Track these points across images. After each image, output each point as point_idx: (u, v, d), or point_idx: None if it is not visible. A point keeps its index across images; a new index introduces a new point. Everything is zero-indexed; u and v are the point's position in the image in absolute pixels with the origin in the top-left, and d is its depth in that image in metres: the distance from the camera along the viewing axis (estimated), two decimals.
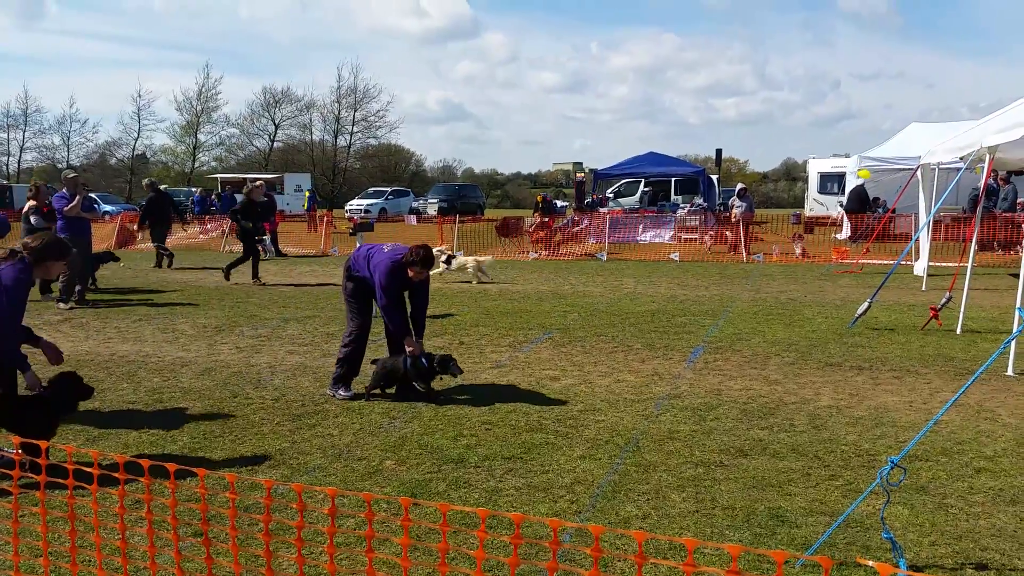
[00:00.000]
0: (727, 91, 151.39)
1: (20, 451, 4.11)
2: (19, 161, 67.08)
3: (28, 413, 4.82)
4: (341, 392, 6.59)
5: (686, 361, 7.88)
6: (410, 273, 6.42)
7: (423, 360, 6.39)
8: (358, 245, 7.66)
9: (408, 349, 6.46)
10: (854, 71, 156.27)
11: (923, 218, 13.74)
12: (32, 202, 12.15)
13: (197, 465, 4.97)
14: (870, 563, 1.87)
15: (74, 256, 11.42)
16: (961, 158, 10.60)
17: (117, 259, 15.01)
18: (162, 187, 20.41)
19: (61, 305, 11.55)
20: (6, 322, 4.76)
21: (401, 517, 2.23)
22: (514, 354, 8.28)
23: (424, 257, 6.37)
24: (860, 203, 21.10)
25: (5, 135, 66.44)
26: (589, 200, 30.18)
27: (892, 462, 3.49)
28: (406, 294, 6.65)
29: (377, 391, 6.51)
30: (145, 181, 18.60)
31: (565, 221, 25.23)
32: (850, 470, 4.83)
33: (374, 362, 6.64)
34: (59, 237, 5.17)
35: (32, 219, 11.88)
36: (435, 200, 45.63)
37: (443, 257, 14.77)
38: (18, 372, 5.00)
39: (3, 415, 4.77)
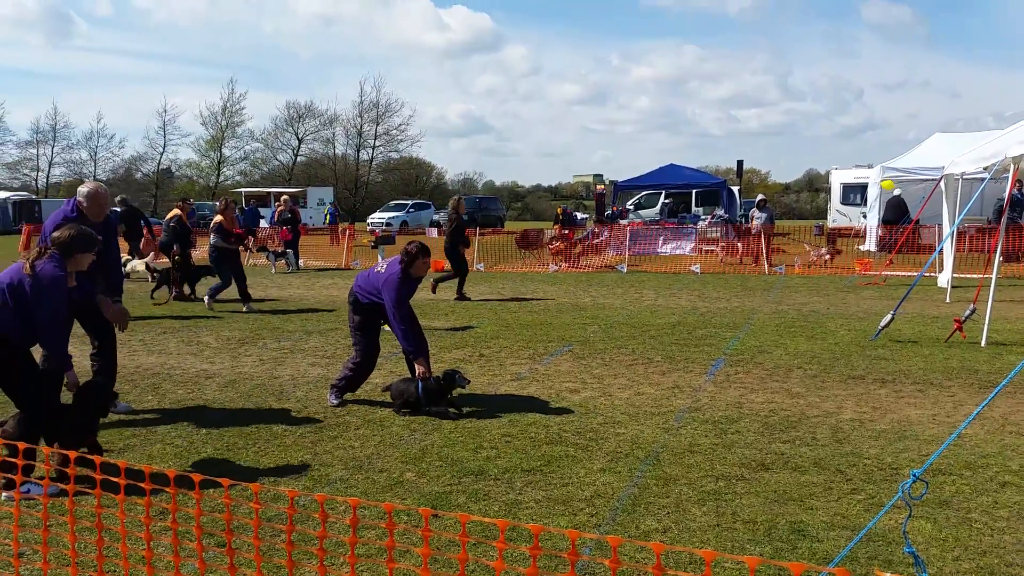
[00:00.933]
0: (749, 102, 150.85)
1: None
2: (47, 176, 68.28)
3: (64, 415, 5.01)
4: (332, 399, 6.80)
5: (707, 374, 7.86)
6: (418, 270, 6.63)
7: (432, 381, 6.45)
8: (380, 259, 7.71)
9: (419, 370, 6.52)
10: (878, 81, 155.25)
11: (947, 229, 13.62)
12: (219, 218, 12.64)
13: (220, 476, 5.03)
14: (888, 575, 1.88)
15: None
16: (985, 168, 10.51)
17: (215, 273, 15.21)
18: (135, 204, 20.94)
19: None
20: (52, 320, 4.77)
21: (422, 528, 2.26)
22: (534, 366, 8.29)
23: (421, 247, 6.62)
24: (899, 213, 20.89)
25: (35, 151, 67.73)
26: (609, 212, 30.16)
27: (914, 475, 3.47)
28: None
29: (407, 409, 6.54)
30: (117, 198, 18.92)
31: (585, 233, 25.23)
32: (872, 484, 4.80)
33: (386, 389, 6.74)
34: (86, 228, 5.21)
35: (212, 237, 12.56)
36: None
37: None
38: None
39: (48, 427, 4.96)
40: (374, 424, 6.20)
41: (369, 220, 45.73)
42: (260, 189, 51.24)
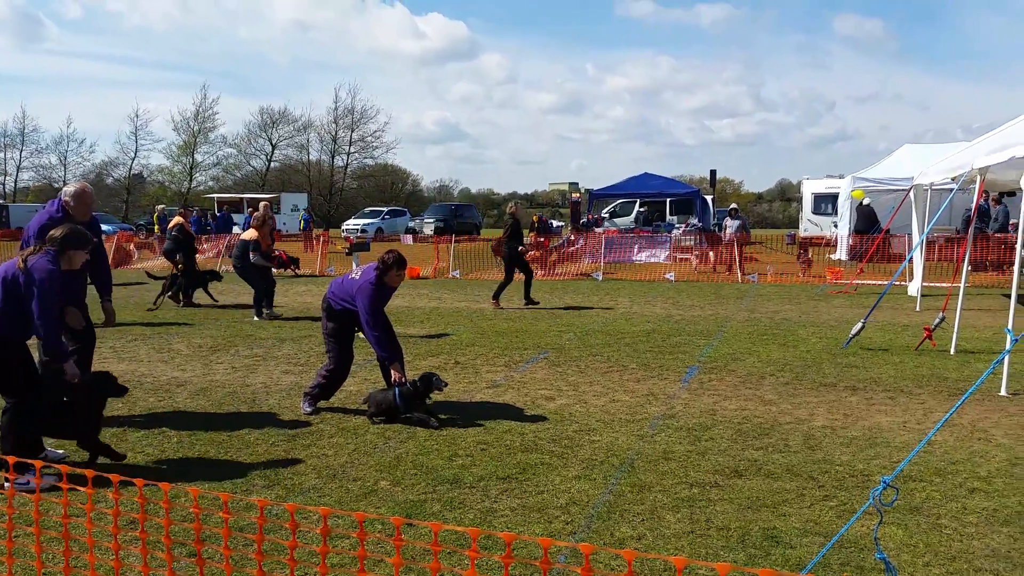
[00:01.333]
0: (723, 112, 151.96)
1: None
2: (16, 180, 67.25)
3: (66, 411, 5.20)
4: (306, 407, 6.76)
5: (681, 381, 7.89)
6: (392, 280, 6.59)
7: (408, 386, 6.42)
8: (354, 266, 7.66)
9: (394, 376, 6.49)
10: (850, 93, 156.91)
11: (916, 238, 13.82)
12: (253, 233, 12.49)
13: (191, 485, 4.96)
14: None
15: None
16: (953, 179, 10.69)
17: (220, 277, 15.13)
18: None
19: None
20: (45, 314, 4.90)
21: (394, 537, 2.24)
22: (509, 374, 8.28)
23: (397, 259, 6.57)
24: (869, 223, 21.18)
25: (2, 155, 66.71)
26: (585, 220, 30.28)
27: (884, 482, 3.50)
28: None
29: (380, 417, 6.48)
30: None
31: (561, 241, 25.29)
32: (844, 490, 4.84)
33: (366, 401, 6.66)
34: (79, 227, 5.40)
35: (252, 256, 12.31)
36: (431, 220, 45.74)
37: None
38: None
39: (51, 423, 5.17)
40: (348, 432, 6.16)
41: (344, 227, 45.51)
42: (233, 195, 50.81)
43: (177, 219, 14.93)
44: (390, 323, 6.76)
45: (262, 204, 14.65)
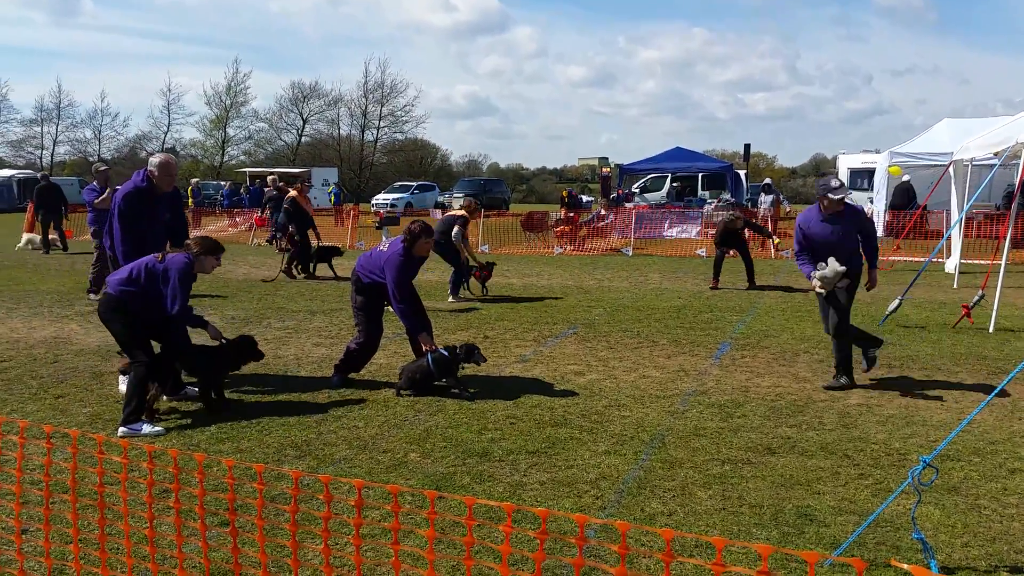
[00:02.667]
0: (757, 86, 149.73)
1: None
2: (52, 154, 68.20)
3: (202, 359, 6.05)
4: (335, 380, 6.77)
5: (712, 357, 7.81)
6: (420, 249, 6.59)
7: (444, 352, 6.41)
8: (384, 239, 7.59)
9: (424, 347, 6.49)
10: (887, 66, 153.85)
11: (955, 215, 13.52)
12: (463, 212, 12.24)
13: (223, 456, 5.01)
14: (905, 566, 1.84)
15: (104, 248, 11.60)
16: (995, 154, 10.41)
17: (341, 252, 15.28)
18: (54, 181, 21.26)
19: (92, 296, 11.69)
20: (179, 298, 5.70)
21: (426, 510, 2.22)
22: (538, 348, 8.25)
23: (424, 228, 6.61)
24: (906, 199, 20.77)
25: (39, 129, 67.63)
26: (615, 195, 30.03)
27: (924, 461, 3.43)
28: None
29: (408, 391, 6.49)
30: (39, 174, 19.48)
31: (590, 216, 25.13)
32: (880, 469, 4.76)
33: (402, 372, 6.61)
34: (213, 239, 6.11)
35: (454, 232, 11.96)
36: (460, 195, 45.64)
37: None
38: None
39: (184, 361, 6.08)
40: (378, 404, 6.17)
41: (374, 201, 45.61)
42: (265, 169, 51.11)
43: (292, 192, 15.04)
44: (418, 295, 6.75)
45: (270, 178, 14.68)
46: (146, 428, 5.59)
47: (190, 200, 33.87)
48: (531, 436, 5.39)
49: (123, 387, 6.56)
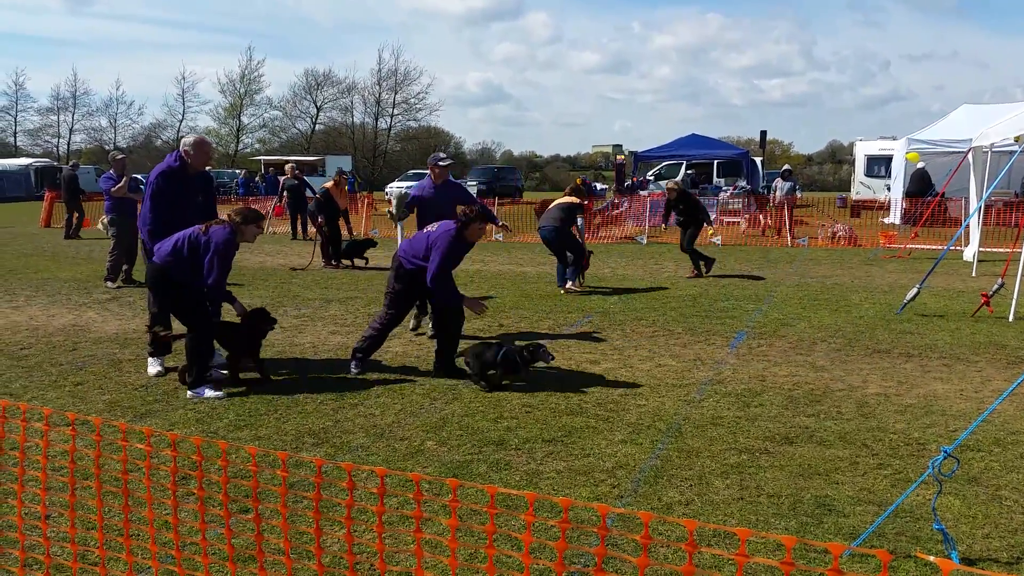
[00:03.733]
0: (773, 72, 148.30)
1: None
2: (68, 143, 68.63)
3: (237, 332, 6.52)
4: (354, 368, 6.75)
5: (729, 346, 7.79)
6: (473, 234, 6.62)
7: (515, 355, 6.26)
8: (397, 228, 7.67)
9: (471, 310, 6.67)
10: (904, 52, 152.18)
11: (974, 203, 13.38)
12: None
13: (241, 443, 5.04)
14: (931, 558, 1.82)
15: (121, 236, 11.68)
16: (1016, 140, 10.28)
17: (375, 244, 15.44)
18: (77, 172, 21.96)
19: (109, 284, 11.78)
20: (217, 271, 5.96)
21: (446, 498, 2.23)
22: (554, 337, 8.25)
23: (480, 213, 6.67)
24: (924, 186, 20.58)
25: (55, 117, 68.05)
26: (629, 183, 29.91)
27: (945, 452, 3.41)
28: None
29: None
30: (68, 164, 19.90)
31: (605, 204, 25.05)
32: (899, 459, 4.74)
33: (464, 358, 6.48)
34: (254, 208, 6.37)
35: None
36: (474, 182, 45.55)
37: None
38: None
39: (220, 335, 6.45)
40: (395, 392, 6.19)
41: (388, 189, 45.64)
42: (279, 157, 51.22)
43: (328, 184, 15.11)
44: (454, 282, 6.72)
45: (288, 166, 14.76)
46: (209, 392, 6.04)
47: None
48: (547, 425, 5.40)
49: (152, 369, 6.65)
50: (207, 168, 7.05)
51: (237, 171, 44.07)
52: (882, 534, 3.76)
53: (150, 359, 6.79)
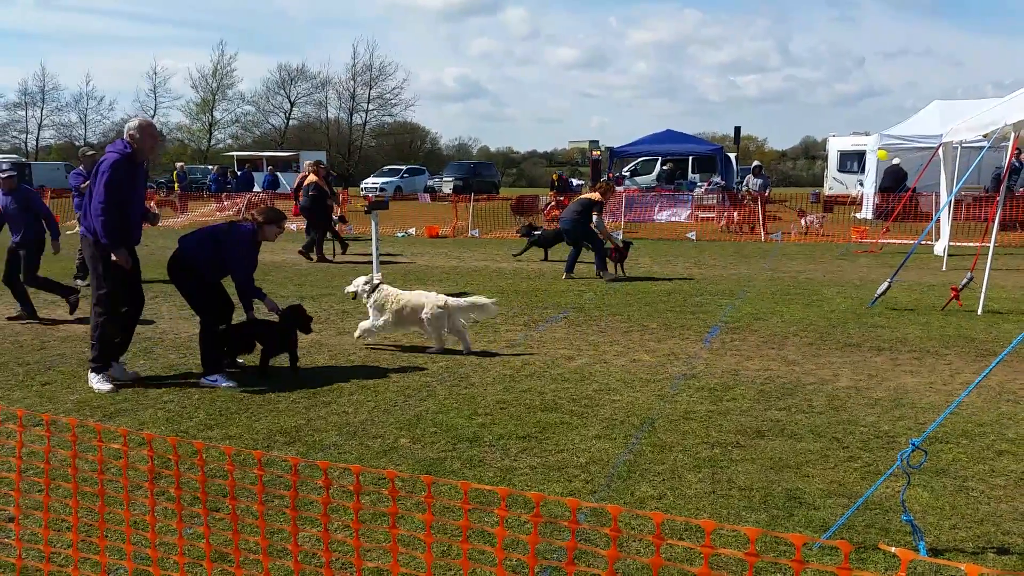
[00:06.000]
0: (749, 68, 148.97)
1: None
2: (37, 139, 67.62)
3: (270, 330, 6.65)
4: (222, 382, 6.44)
5: (703, 341, 7.84)
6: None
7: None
8: (372, 224, 7.60)
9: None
10: (879, 48, 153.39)
11: (944, 197, 13.57)
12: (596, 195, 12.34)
13: (212, 442, 5.00)
14: (892, 549, 1.85)
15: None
16: (984, 136, 10.44)
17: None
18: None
19: (79, 282, 11.62)
20: (240, 263, 6.29)
21: (421, 494, 2.22)
22: (529, 333, 8.26)
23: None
24: (895, 181, 20.85)
25: (23, 113, 66.97)
26: (605, 178, 29.99)
27: (914, 444, 3.45)
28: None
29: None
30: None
31: None
32: (869, 452, 4.80)
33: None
34: (276, 208, 6.59)
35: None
36: (450, 178, 45.56)
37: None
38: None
39: (258, 333, 6.63)
40: (367, 390, 6.17)
41: (363, 185, 45.44)
42: (252, 153, 50.78)
43: (312, 177, 15.05)
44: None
45: (306, 164, 14.83)
46: (223, 383, 6.21)
47: (176, 184, 33.60)
48: (521, 421, 5.40)
49: (103, 387, 6.18)
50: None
51: (210, 167, 43.63)
52: (852, 526, 3.81)
53: (97, 375, 6.28)
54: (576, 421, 5.40)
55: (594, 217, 12.02)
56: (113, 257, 6.14)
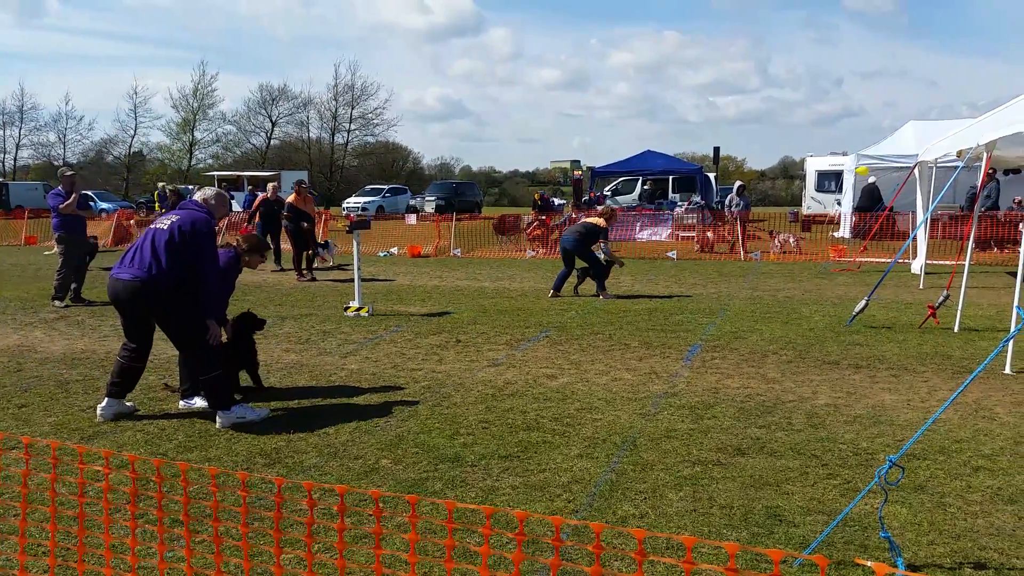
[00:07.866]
0: (728, 89, 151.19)
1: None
2: (15, 158, 66.96)
3: (225, 350, 6.25)
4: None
5: (683, 359, 7.89)
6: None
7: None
8: (354, 243, 7.58)
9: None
10: (856, 69, 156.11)
11: (920, 216, 13.76)
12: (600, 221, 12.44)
13: (194, 463, 4.96)
14: (868, 563, 1.88)
15: (70, 254, 11.45)
16: (958, 155, 10.61)
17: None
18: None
19: (57, 303, 11.53)
20: (215, 287, 6.01)
21: (404, 514, 2.23)
22: (511, 352, 8.28)
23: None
24: (872, 200, 21.13)
25: (1, 132, 66.37)
26: (587, 198, 30.16)
27: (891, 461, 3.50)
28: None
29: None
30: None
31: (562, 219, 25.20)
32: (848, 469, 4.84)
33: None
34: (262, 238, 6.57)
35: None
36: (432, 198, 45.58)
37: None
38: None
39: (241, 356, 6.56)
40: (349, 410, 6.15)
41: (345, 205, 45.37)
42: (233, 172, 50.60)
43: (290, 198, 15.26)
44: None
45: (270, 186, 14.81)
46: (251, 415, 5.89)
47: (156, 205, 33.40)
48: (503, 440, 5.41)
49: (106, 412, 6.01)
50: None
51: (191, 187, 43.41)
52: (831, 543, 3.84)
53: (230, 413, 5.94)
54: (558, 440, 5.41)
55: (602, 245, 12.37)
56: (211, 335, 5.84)
